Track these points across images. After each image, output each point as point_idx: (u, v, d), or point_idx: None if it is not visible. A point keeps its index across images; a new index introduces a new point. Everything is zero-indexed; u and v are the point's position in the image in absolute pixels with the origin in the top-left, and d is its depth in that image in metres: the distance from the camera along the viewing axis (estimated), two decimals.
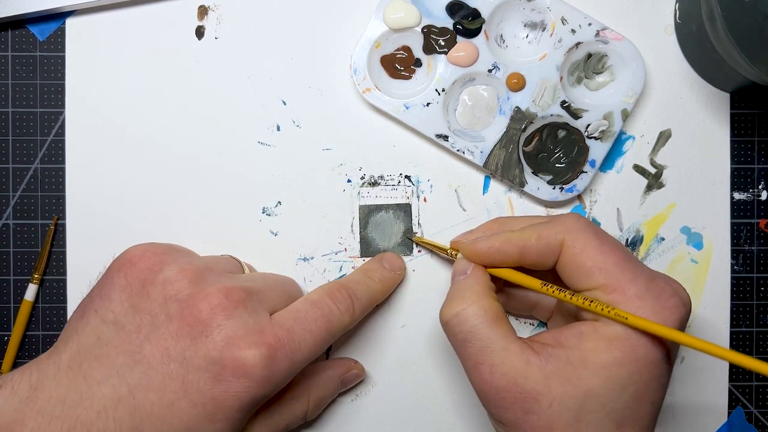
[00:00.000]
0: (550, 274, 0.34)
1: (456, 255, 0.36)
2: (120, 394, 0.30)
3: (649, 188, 0.40)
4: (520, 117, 0.39)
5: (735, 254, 0.41)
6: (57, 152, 0.40)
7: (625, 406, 0.30)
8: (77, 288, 0.40)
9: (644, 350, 0.30)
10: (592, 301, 0.31)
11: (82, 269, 0.40)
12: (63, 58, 0.40)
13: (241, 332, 0.31)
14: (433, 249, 0.40)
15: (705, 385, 0.41)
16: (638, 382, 0.30)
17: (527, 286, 0.34)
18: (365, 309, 0.37)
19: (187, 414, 0.30)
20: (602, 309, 0.30)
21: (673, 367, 0.32)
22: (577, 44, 0.39)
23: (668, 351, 0.31)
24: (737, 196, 0.41)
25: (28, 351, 0.40)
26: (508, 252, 0.33)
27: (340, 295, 0.35)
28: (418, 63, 0.40)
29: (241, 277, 0.35)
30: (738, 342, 0.41)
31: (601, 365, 0.30)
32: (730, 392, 0.41)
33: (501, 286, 0.38)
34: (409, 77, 0.40)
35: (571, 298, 0.32)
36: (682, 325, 0.31)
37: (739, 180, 0.41)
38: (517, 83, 0.39)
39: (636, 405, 0.30)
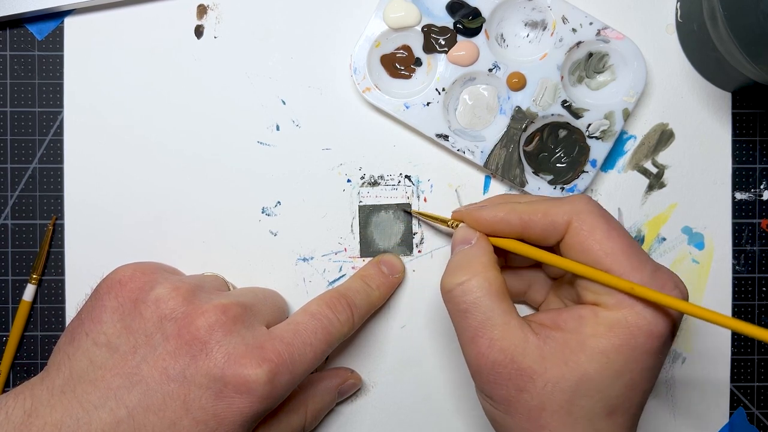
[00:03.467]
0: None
1: (456, 226, 0.36)
2: (118, 417, 0.30)
3: (651, 188, 0.40)
4: (520, 116, 0.39)
5: (736, 254, 0.41)
6: (55, 152, 0.40)
7: (619, 394, 0.30)
8: (76, 288, 0.40)
9: (642, 339, 0.30)
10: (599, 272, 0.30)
11: (81, 269, 0.40)
12: (61, 58, 0.40)
13: (241, 349, 0.31)
14: (432, 221, 0.39)
15: (706, 386, 0.40)
16: (634, 370, 0.30)
17: (532, 256, 0.33)
18: (364, 317, 0.37)
19: None
20: (609, 279, 0.30)
21: (665, 358, 0.32)
22: (578, 43, 0.38)
23: (665, 342, 0.30)
24: (739, 196, 0.40)
25: (27, 352, 0.40)
26: (512, 223, 0.33)
27: (340, 305, 0.35)
28: (418, 62, 0.40)
29: (232, 293, 0.35)
30: (740, 342, 0.40)
31: (599, 351, 0.30)
32: (732, 393, 0.40)
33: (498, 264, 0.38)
34: (409, 76, 0.40)
35: (579, 269, 0.31)
36: (680, 320, 0.31)
37: (740, 180, 0.40)
38: (517, 83, 0.39)
39: (629, 393, 0.30)
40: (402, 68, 0.40)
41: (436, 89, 0.39)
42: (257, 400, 0.31)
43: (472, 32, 0.39)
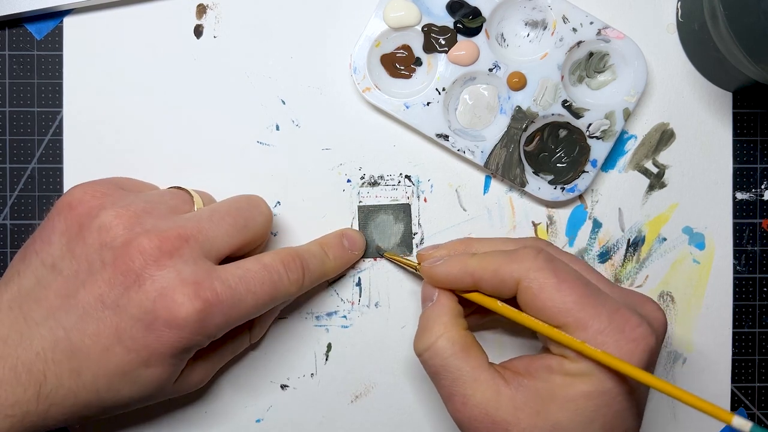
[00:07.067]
0: None
1: None
2: (57, 336, 0.31)
3: (651, 188, 0.40)
4: (521, 116, 0.39)
5: (737, 254, 0.40)
6: (54, 152, 0.40)
7: None
8: None
9: (611, 384, 0.30)
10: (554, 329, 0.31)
11: None
12: (60, 57, 0.40)
13: (174, 283, 0.31)
14: (402, 265, 0.39)
15: (707, 386, 0.40)
16: (606, 414, 0.30)
17: (492, 309, 0.33)
18: (314, 283, 0.36)
19: (122, 359, 0.31)
20: (560, 337, 0.31)
21: (648, 392, 0.32)
22: (579, 43, 0.38)
23: (635, 384, 0.31)
24: (740, 196, 0.40)
25: None
26: (464, 280, 0.33)
27: (294, 264, 0.34)
28: (418, 62, 0.39)
29: (183, 218, 0.33)
30: (740, 343, 0.40)
31: (569, 399, 0.30)
32: (733, 393, 0.40)
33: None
34: (409, 76, 0.40)
35: (534, 325, 0.32)
36: (652, 354, 0.30)
37: (741, 180, 0.40)
38: (518, 82, 0.38)
39: None
40: (402, 68, 0.40)
41: (436, 89, 0.39)
42: (187, 335, 0.31)
43: (473, 32, 0.38)
